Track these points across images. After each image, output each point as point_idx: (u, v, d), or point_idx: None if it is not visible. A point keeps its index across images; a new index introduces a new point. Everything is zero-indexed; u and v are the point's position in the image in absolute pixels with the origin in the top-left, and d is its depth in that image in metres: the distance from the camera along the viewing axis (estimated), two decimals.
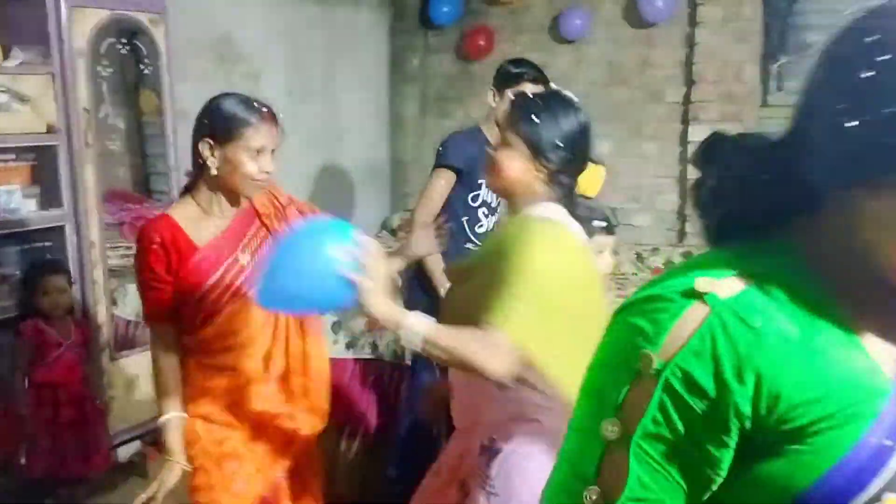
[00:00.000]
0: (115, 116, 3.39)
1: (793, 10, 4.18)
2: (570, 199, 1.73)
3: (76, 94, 3.15)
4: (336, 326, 3.18)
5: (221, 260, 1.93)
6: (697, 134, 4.30)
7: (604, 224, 1.87)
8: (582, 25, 4.57)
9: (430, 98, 5.32)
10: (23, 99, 3.02)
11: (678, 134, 4.42)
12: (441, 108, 5.28)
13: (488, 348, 1.49)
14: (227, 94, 1.92)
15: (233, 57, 4.40)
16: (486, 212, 2.87)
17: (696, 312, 0.74)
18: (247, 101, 1.90)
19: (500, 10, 4.92)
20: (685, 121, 4.38)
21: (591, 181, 1.69)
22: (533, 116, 1.69)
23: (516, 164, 1.70)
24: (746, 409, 0.72)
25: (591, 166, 1.71)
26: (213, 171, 1.89)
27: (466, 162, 2.81)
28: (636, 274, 4.19)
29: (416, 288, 2.89)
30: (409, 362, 3.05)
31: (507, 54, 4.90)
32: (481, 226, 2.87)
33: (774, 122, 4.28)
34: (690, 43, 4.31)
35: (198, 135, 1.90)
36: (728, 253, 0.81)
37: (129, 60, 3.41)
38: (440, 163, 2.87)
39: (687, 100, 4.36)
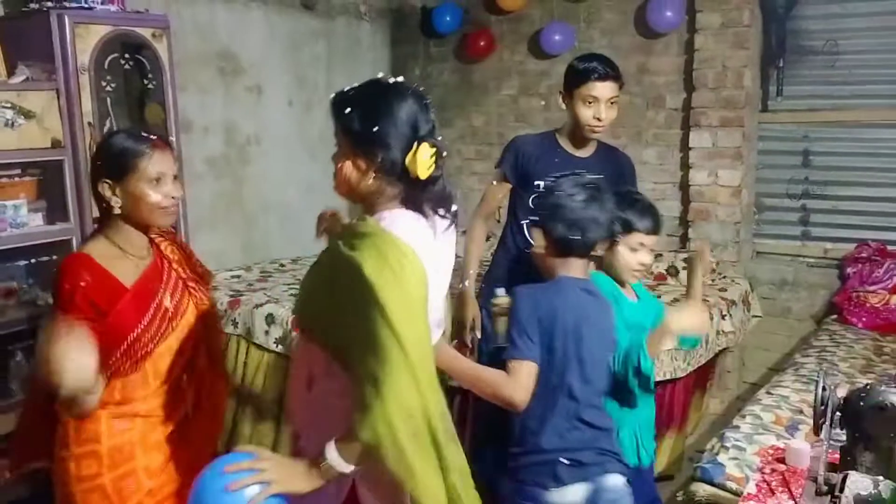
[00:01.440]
0: None
1: (791, 14, 4.20)
2: (411, 188, 1.58)
3: (81, 110, 3.18)
4: None
5: (149, 301, 1.90)
6: (698, 140, 4.31)
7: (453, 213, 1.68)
8: (565, 41, 4.62)
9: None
10: (28, 115, 3.05)
11: (679, 140, 4.44)
12: (442, 117, 5.29)
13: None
14: (113, 133, 1.96)
15: (235, 69, 4.44)
16: None
17: None
18: (134, 134, 1.91)
19: (500, 18, 4.95)
20: (685, 126, 4.39)
21: (420, 162, 1.54)
22: (347, 109, 1.57)
23: (346, 164, 1.59)
24: None
25: (420, 146, 1.55)
26: (118, 210, 1.87)
27: (523, 164, 2.73)
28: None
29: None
30: None
31: (507, 62, 4.96)
32: None
33: (774, 126, 4.31)
34: (690, 49, 4.33)
35: (95, 178, 1.88)
36: None
37: (134, 75, 3.43)
38: (497, 163, 2.87)
39: (687, 106, 4.38)
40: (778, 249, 4.37)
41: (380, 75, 1.66)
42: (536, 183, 2.68)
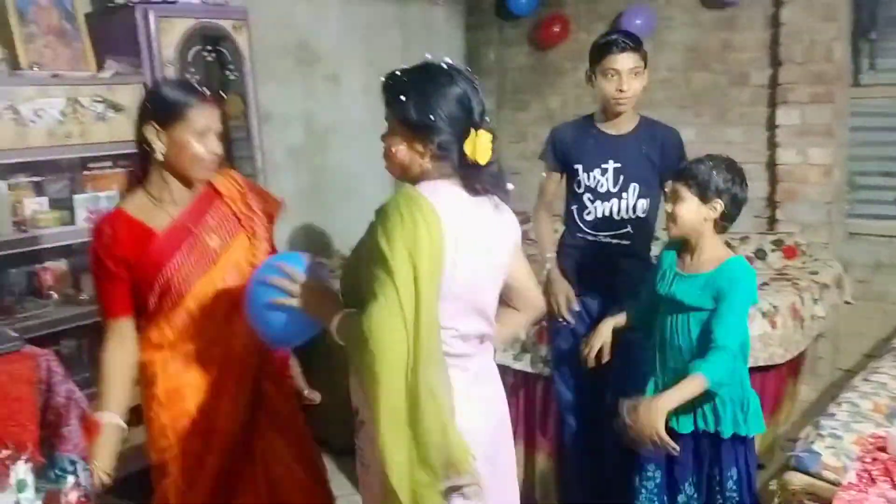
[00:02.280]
0: None
1: None
2: (467, 171, 1.66)
3: None
4: None
5: (181, 242, 1.92)
6: (786, 117, 4.16)
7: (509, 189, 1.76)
8: (645, 23, 4.48)
9: (507, 91, 5.30)
10: (117, 108, 3.15)
11: (765, 118, 4.29)
12: (517, 100, 5.25)
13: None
14: (166, 80, 1.97)
15: (312, 59, 4.48)
16: (592, 197, 2.74)
17: None
18: (187, 84, 1.95)
19: (576, 0, 4.87)
20: (772, 104, 4.24)
21: (479, 148, 1.63)
22: (401, 96, 1.64)
23: (401, 149, 1.66)
24: None
25: (478, 133, 1.64)
26: (160, 156, 1.89)
27: (562, 151, 2.80)
28: None
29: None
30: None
31: (582, 43, 4.86)
32: (589, 212, 2.76)
33: (867, 101, 4.12)
34: (775, 23, 4.17)
35: (142, 120, 1.91)
36: None
37: (215, 67, 3.50)
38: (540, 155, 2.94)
39: (773, 82, 4.22)
40: (873, 230, 4.16)
41: (427, 57, 1.73)
42: (575, 167, 2.74)
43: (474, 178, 1.66)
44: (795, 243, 3.99)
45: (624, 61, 2.56)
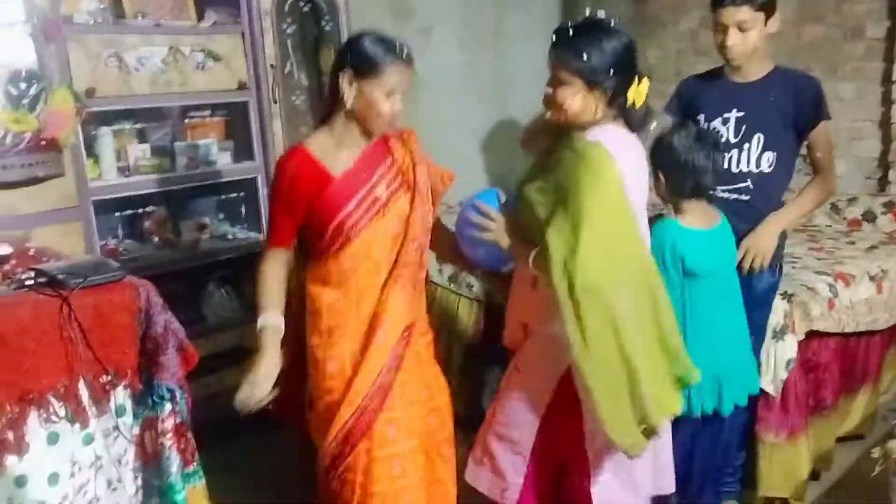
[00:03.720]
0: (300, 73, 3.52)
1: None
2: (626, 113, 1.93)
3: (264, 52, 3.30)
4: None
5: (356, 190, 1.96)
6: None
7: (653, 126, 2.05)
8: None
9: None
10: (216, 58, 3.21)
11: (880, 73, 4.03)
12: None
13: None
14: (369, 33, 1.93)
15: (406, 12, 4.46)
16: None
17: None
18: (388, 42, 1.92)
19: None
20: (889, 59, 3.98)
21: (639, 94, 1.92)
22: (582, 52, 1.84)
23: (577, 100, 1.88)
24: None
25: (641, 80, 1.92)
26: (349, 105, 1.92)
27: (687, 102, 2.66)
28: (830, 226, 3.89)
29: None
30: None
31: None
32: None
33: None
34: None
35: (338, 66, 1.93)
36: None
37: (310, 18, 3.52)
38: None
39: (891, 35, 3.95)
40: None
41: (587, 13, 1.93)
42: (698, 117, 2.57)
43: (630, 119, 1.94)
44: None
45: (729, 15, 2.39)
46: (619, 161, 1.83)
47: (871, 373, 3.18)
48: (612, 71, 1.84)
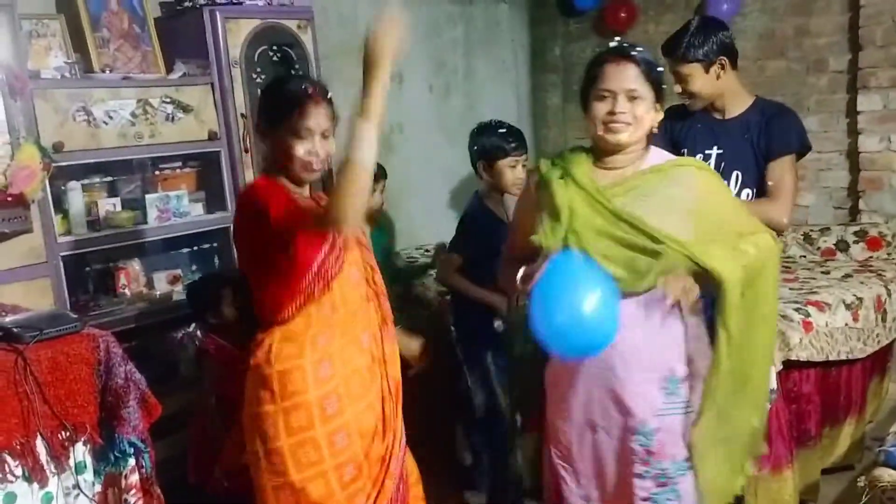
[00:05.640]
0: None
1: None
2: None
3: (234, 102, 3.31)
4: None
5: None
6: (867, 103, 3.97)
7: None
8: (731, 9, 4.32)
9: (573, 86, 5.22)
10: (186, 109, 3.21)
11: (845, 105, 4.10)
12: None
13: None
14: (275, 79, 1.92)
15: None
16: None
17: None
18: (292, 84, 1.88)
19: None
20: (852, 90, 4.05)
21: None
22: (659, 69, 1.86)
23: (650, 113, 1.86)
24: None
25: None
26: (270, 158, 1.89)
27: (671, 136, 2.60)
28: (804, 257, 3.91)
29: None
30: None
31: (652, 34, 4.75)
32: None
33: None
34: (854, 6, 3.99)
35: (255, 125, 1.91)
36: None
37: (282, 67, 3.54)
38: None
39: (853, 67, 4.04)
40: None
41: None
42: (682, 150, 2.54)
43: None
44: (880, 234, 3.80)
45: (670, 67, 2.48)
46: None
47: (856, 403, 3.16)
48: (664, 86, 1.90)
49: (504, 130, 2.91)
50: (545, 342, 1.72)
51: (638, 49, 1.86)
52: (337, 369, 1.86)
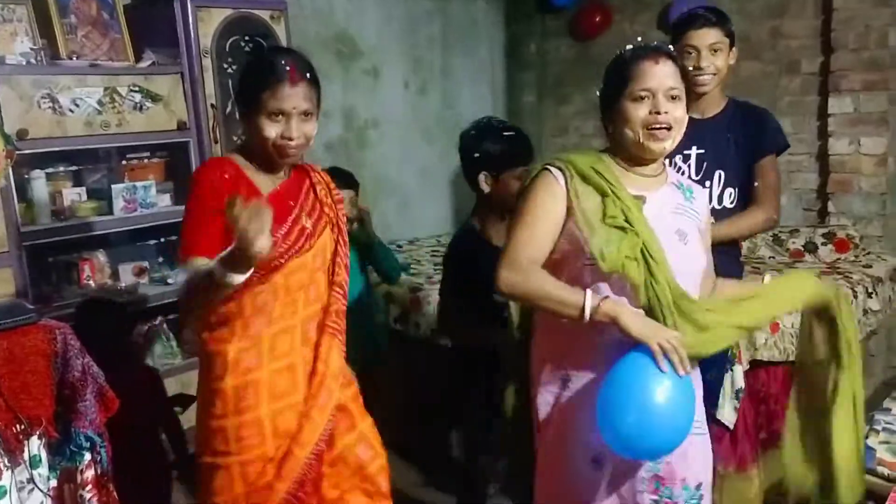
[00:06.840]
0: None
1: None
2: None
3: (204, 92, 3.27)
4: None
5: (284, 215, 1.76)
6: (838, 106, 4.01)
7: None
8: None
9: (548, 84, 5.22)
10: (155, 98, 3.16)
11: (816, 107, 4.14)
12: (559, 93, 5.17)
13: None
14: (253, 56, 1.81)
15: (352, 52, 4.47)
16: None
17: None
18: (270, 62, 1.73)
19: None
20: (823, 92, 4.09)
21: None
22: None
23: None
24: None
25: None
26: (246, 138, 1.79)
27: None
28: (773, 258, 3.94)
29: None
30: None
31: (627, 34, 4.77)
32: None
33: None
34: (828, 9, 4.03)
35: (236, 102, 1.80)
36: None
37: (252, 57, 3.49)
38: None
39: (825, 70, 4.07)
40: None
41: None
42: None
43: None
44: (847, 236, 3.84)
45: (701, 37, 2.34)
46: None
47: None
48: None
49: (512, 134, 2.45)
50: (613, 444, 1.57)
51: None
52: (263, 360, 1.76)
